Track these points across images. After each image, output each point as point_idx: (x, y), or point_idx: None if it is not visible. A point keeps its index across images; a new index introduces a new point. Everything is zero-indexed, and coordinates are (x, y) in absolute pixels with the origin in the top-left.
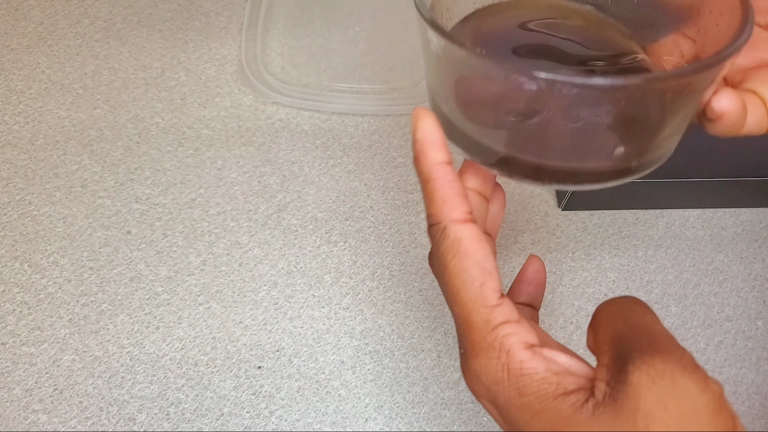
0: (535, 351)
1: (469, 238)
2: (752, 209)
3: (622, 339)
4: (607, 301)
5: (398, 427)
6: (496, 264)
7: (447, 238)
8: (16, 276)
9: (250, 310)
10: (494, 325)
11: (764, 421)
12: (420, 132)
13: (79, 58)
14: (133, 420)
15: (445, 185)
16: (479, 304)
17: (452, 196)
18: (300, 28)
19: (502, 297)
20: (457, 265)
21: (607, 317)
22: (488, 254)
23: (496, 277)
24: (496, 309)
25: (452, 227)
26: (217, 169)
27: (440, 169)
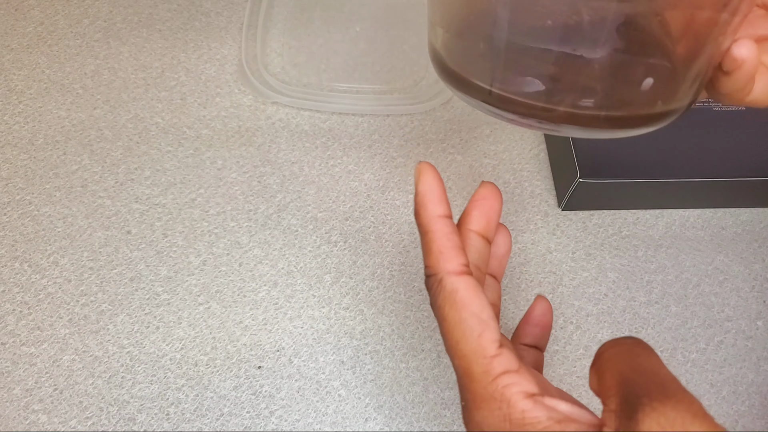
0: (536, 400)
1: (465, 289)
2: (752, 209)
3: (629, 384)
4: (609, 342)
5: (398, 427)
6: (493, 314)
7: (444, 289)
8: (16, 276)
9: (250, 310)
10: (494, 375)
11: (764, 421)
12: (421, 185)
13: (79, 58)
14: (133, 420)
15: (442, 237)
16: (478, 354)
17: (449, 248)
18: (300, 28)
19: (501, 347)
20: (454, 317)
21: (611, 360)
22: (485, 305)
23: (494, 327)
24: (495, 359)
25: (448, 279)
26: (217, 169)
27: (438, 221)
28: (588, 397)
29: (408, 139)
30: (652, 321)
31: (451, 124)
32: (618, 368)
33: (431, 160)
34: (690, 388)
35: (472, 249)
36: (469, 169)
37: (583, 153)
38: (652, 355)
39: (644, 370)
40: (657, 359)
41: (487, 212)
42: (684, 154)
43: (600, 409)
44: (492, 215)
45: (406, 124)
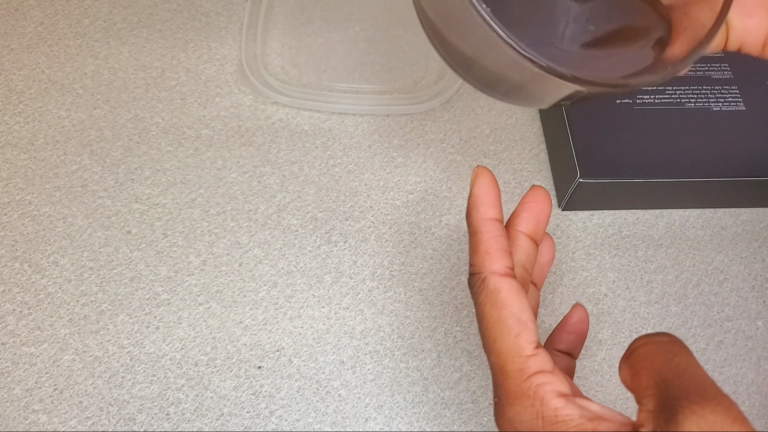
0: (569, 399)
1: (508, 290)
2: (752, 209)
3: (667, 385)
4: (644, 338)
5: (398, 427)
6: (533, 317)
7: (486, 288)
8: (16, 276)
9: (250, 310)
10: (528, 374)
11: (764, 421)
12: (477, 187)
13: (79, 58)
14: (133, 420)
15: (491, 239)
16: (514, 353)
17: (496, 250)
18: (300, 28)
19: (538, 348)
20: (494, 315)
21: (647, 357)
22: (525, 307)
23: (533, 329)
24: (531, 359)
25: (492, 278)
26: (217, 169)
27: (489, 223)
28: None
29: (408, 139)
30: (652, 321)
31: (451, 124)
32: (655, 367)
33: (431, 160)
34: None
35: (520, 250)
36: (469, 169)
37: (583, 153)
38: (688, 354)
39: (682, 371)
40: (693, 359)
41: (536, 215)
42: (684, 154)
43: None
44: (541, 218)
45: (406, 124)
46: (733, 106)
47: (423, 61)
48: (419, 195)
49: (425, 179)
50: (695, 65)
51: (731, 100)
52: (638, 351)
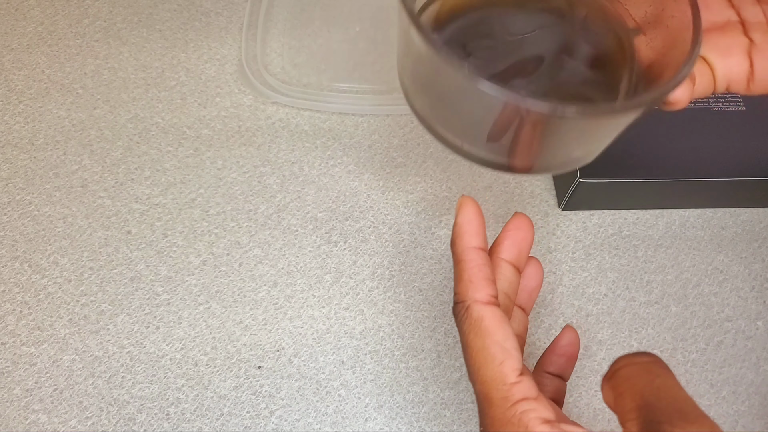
0: (552, 425)
1: (491, 318)
2: (752, 209)
3: (650, 409)
4: (626, 358)
5: (398, 427)
6: (517, 344)
7: (470, 316)
8: (16, 276)
9: (250, 310)
10: (513, 401)
11: (764, 421)
12: (461, 216)
13: (79, 58)
14: (133, 420)
15: (474, 267)
16: (498, 381)
17: (479, 278)
18: (300, 28)
19: (522, 375)
20: (478, 344)
21: (629, 379)
22: (509, 334)
23: (516, 357)
24: (515, 386)
25: (475, 307)
26: (217, 169)
27: (472, 252)
28: (588, 397)
29: (408, 139)
30: (652, 321)
31: None
32: (637, 389)
33: (431, 160)
34: (690, 388)
35: (502, 277)
36: (469, 169)
37: None
38: (669, 375)
39: (664, 393)
40: (674, 380)
41: (519, 243)
42: (684, 154)
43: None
44: (524, 246)
45: (406, 124)
46: (733, 106)
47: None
48: (419, 195)
49: (425, 179)
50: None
51: (731, 100)
52: (620, 372)
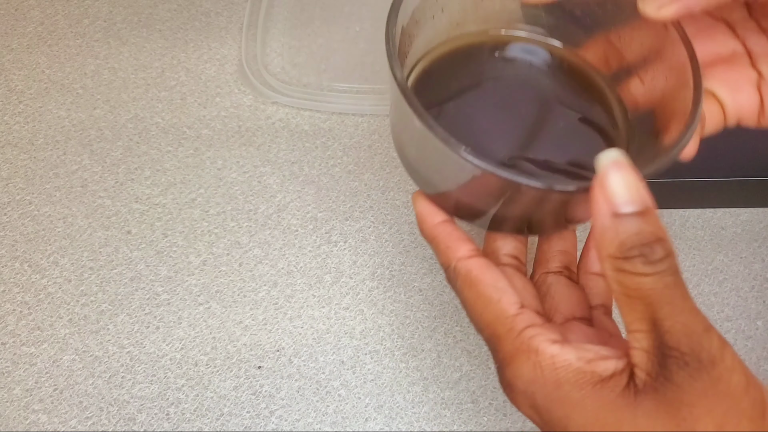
0: (563, 344)
1: (477, 268)
2: (752, 209)
3: (663, 331)
4: (648, 265)
5: (398, 427)
6: (508, 283)
7: (459, 274)
8: (16, 276)
9: (250, 310)
10: (518, 330)
11: None
12: (417, 207)
13: (79, 58)
14: (133, 420)
15: (447, 236)
16: (501, 317)
17: (454, 240)
18: (300, 28)
19: (522, 307)
20: (473, 294)
21: (647, 290)
22: (498, 277)
23: (511, 293)
24: (517, 317)
25: (460, 264)
26: (217, 169)
27: (439, 226)
28: None
29: None
30: None
31: None
32: (652, 303)
33: None
34: None
35: (507, 242)
36: None
37: None
38: (686, 296)
39: (679, 316)
40: (689, 301)
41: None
42: None
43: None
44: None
45: None
46: None
47: None
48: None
49: None
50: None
51: None
52: (640, 280)
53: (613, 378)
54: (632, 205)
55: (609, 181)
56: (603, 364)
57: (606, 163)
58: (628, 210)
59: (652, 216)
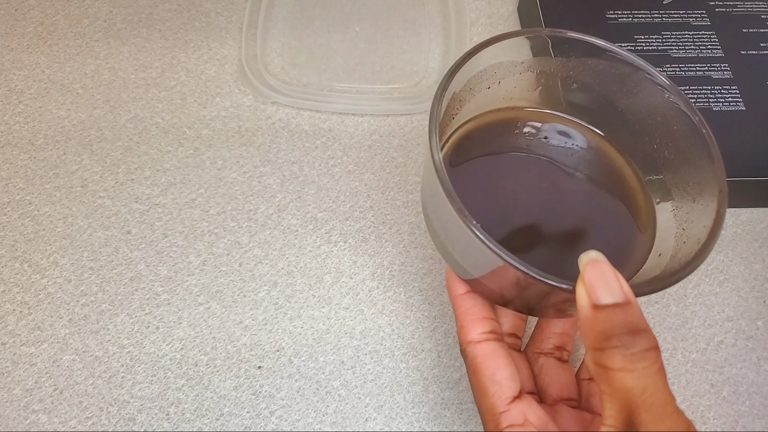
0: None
1: (482, 356)
2: (752, 209)
3: (632, 410)
4: (626, 360)
5: (398, 427)
6: (510, 373)
7: (467, 358)
8: (16, 276)
9: (250, 310)
10: (501, 429)
11: (764, 421)
12: (447, 273)
13: (79, 58)
14: (133, 420)
15: (462, 314)
16: (490, 412)
17: (468, 321)
18: (300, 28)
19: (512, 403)
20: (474, 381)
21: (622, 383)
22: (500, 367)
23: (508, 386)
24: (503, 415)
25: (468, 348)
26: (217, 169)
27: (459, 299)
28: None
29: (408, 139)
30: (652, 321)
31: None
32: (626, 394)
33: None
34: (690, 388)
35: (509, 319)
36: None
37: None
38: (659, 375)
39: (650, 397)
40: (662, 379)
41: None
42: None
43: None
44: None
45: (406, 124)
46: (733, 106)
47: (423, 61)
48: (419, 195)
49: None
50: (696, 65)
51: (731, 100)
52: (620, 377)
53: None
54: (612, 297)
55: (588, 276)
56: None
57: (585, 261)
58: (607, 301)
59: (633, 308)
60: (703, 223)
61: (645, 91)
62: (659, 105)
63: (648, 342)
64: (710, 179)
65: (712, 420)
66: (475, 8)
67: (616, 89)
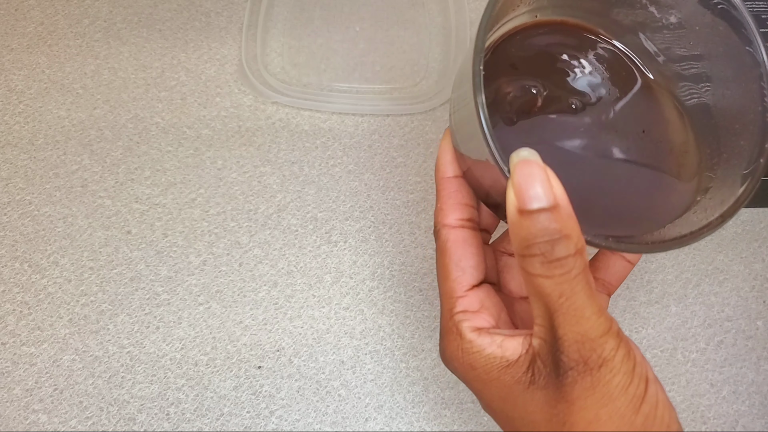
0: (481, 332)
1: (453, 240)
2: (752, 209)
3: (557, 335)
4: (544, 267)
5: (398, 427)
6: (476, 262)
7: (438, 239)
8: (16, 276)
9: (250, 310)
10: (453, 312)
11: (764, 421)
12: (440, 148)
13: (79, 58)
14: (133, 420)
15: (445, 195)
16: (448, 295)
17: (449, 205)
18: (300, 28)
19: (471, 290)
20: (440, 262)
21: (543, 294)
22: (467, 254)
23: (470, 274)
24: (459, 300)
25: (443, 230)
26: (217, 169)
27: (445, 182)
28: None
29: (408, 139)
30: (652, 321)
31: None
32: (545, 301)
33: (431, 160)
34: (690, 388)
35: (482, 217)
36: None
37: None
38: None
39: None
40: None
41: None
42: None
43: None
44: None
45: (406, 124)
46: None
47: (423, 61)
48: (419, 195)
49: (425, 179)
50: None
51: None
52: (538, 281)
53: (518, 362)
54: (539, 202)
55: (516, 178)
56: (511, 345)
57: (515, 161)
58: (534, 206)
59: (561, 212)
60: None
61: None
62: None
63: (567, 249)
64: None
65: (712, 420)
66: (475, 8)
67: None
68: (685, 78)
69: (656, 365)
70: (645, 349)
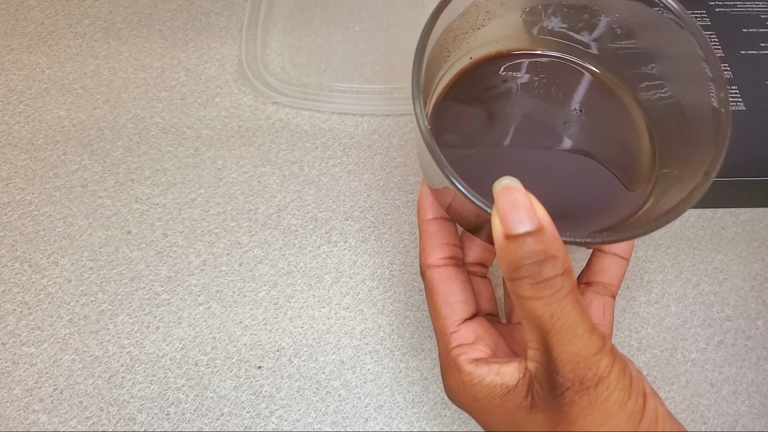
0: (479, 363)
1: (439, 279)
2: (752, 209)
3: (551, 357)
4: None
5: (398, 427)
6: (464, 297)
7: (425, 279)
8: (16, 276)
9: (250, 310)
10: (450, 348)
11: (764, 421)
12: (419, 197)
13: (79, 58)
14: (133, 420)
15: (426, 237)
16: (442, 332)
17: (430, 246)
18: (300, 28)
19: (462, 324)
20: (430, 302)
21: (535, 317)
22: (453, 290)
23: (460, 309)
24: (453, 335)
25: (427, 271)
26: (217, 169)
27: (425, 224)
28: None
29: (408, 139)
30: (652, 321)
31: None
32: (537, 324)
33: None
34: (690, 388)
35: (474, 251)
36: None
37: None
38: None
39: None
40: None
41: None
42: None
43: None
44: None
45: (406, 124)
46: (733, 105)
47: None
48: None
49: None
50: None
51: (731, 100)
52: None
53: (517, 387)
54: (524, 226)
55: (500, 204)
56: (508, 371)
57: (498, 189)
58: (520, 230)
59: (546, 234)
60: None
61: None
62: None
63: (554, 269)
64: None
65: (711, 420)
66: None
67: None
68: (642, 78)
69: (656, 365)
70: (645, 349)
